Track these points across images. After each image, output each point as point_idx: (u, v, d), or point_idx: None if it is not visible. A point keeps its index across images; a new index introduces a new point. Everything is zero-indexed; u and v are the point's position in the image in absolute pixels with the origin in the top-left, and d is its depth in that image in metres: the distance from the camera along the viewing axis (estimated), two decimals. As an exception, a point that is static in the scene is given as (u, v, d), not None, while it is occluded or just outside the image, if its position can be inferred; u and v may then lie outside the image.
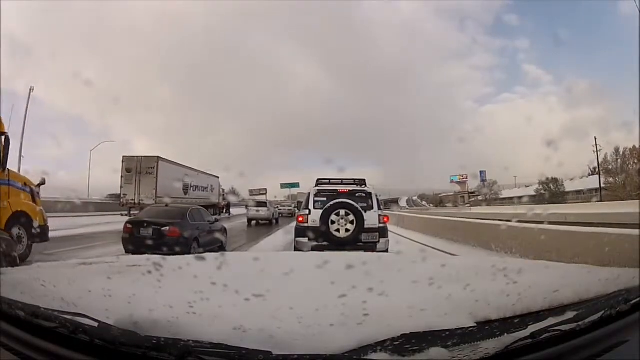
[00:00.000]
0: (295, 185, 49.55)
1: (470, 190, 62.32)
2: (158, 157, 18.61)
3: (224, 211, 26.85)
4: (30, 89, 27.22)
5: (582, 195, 41.22)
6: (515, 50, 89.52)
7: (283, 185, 51.27)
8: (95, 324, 0.79)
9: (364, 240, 5.98)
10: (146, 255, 1.84)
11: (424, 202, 74.03)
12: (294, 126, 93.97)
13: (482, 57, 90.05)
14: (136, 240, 6.96)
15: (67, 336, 0.80)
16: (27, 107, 26.50)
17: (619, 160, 35.28)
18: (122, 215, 16.54)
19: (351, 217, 5.95)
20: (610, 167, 35.65)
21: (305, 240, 6.05)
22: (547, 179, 44.05)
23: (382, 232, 6.31)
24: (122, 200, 18.10)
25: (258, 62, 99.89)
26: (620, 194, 29.90)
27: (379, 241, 6.18)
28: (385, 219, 6.48)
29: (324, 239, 5.83)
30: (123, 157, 18.58)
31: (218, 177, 26.82)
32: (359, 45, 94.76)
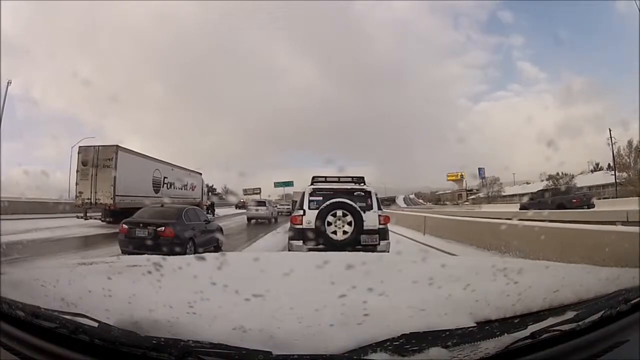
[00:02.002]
0: (289, 183, 49.13)
1: (468, 188, 62.17)
2: (117, 146, 15.43)
3: (208, 212, 24.36)
4: (8, 83, 24.80)
5: (592, 191, 39.74)
6: (510, 47, 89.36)
7: (277, 184, 50.81)
8: (95, 324, 0.79)
9: (363, 242, 5.57)
10: (146, 255, 1.84)
11: (420, 200, 74.08)
12: (288, 125, 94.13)
13: (477, 54, 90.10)
14: (132, 241, 6.99)
15: (67, 336, 0.80)
16: (3, 102, 24.53)
17: (632, 155, 33.64)
18: (77, 217, 14.82)
19: (349, 218, 5.54)
20: (624, 161, 34.06)
21: (300, 243, 5.64)
22: (558, 174, 41.88)
23: (383, 233, 5.88)
24: (77, 199, 15.11)
25: (253, 61, 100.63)
26: (637, 188, 28.21)
27: (379, 243, 5.73)
28: (386, 220, 6.02)
29: (320, 242, 5.37)
30: (79, 147, 15.56)
31: (201, 174, 24.34)
32: (353, 43, 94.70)
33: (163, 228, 6.96)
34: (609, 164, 41.30)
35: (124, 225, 7.35)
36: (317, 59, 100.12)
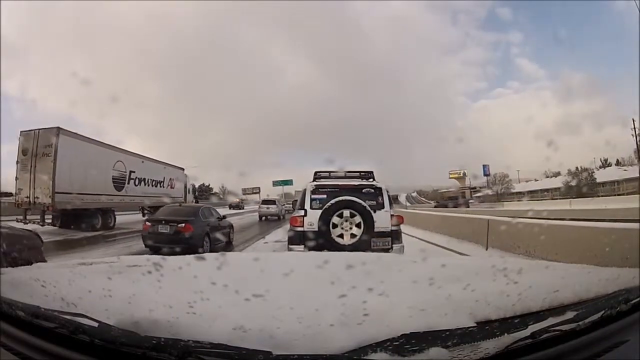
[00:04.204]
0: (288, 182, 47.73)
1: (471, 186, 61.50)
2: (58, 128, 11.80)
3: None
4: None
5: (606, 187, 37.55)
6: (509, 44, 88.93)
7: (275, 183, 49.11)
8: (95, 324, 0.79)
9: (373, 246, 4.81)
10: (146, 255, 1.85)
11: (423, 198, 73.83)
12: (287, 124, 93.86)
13: (476, 51, 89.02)
14: (154, 236, 7.69)
15: (67, 336, 0.80)
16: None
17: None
18: (17, 221, 10.66)
19: (357, 219, 4.80)
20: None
21: (301, 248, 4.86)
22: (577, 168, 40.44)
23: (396, 235, 5.11)
24: (16, 198, 11.86)
25: (250, 60, 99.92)
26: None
27: (391, 247, 4.97)
28: (399, 220, 5.26)
29: (324, 247, 4.59)
30: (20, 132, 12.07)
31: (183, 169, 21.00)
32: (351, 42, 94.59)
33: (183, 224, 7.65)
34: (617, 160, 40.65)
35: (146, 222, 8.26)
36: (315, 57, 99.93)
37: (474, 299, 0.95)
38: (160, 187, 18.32)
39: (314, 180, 5.52)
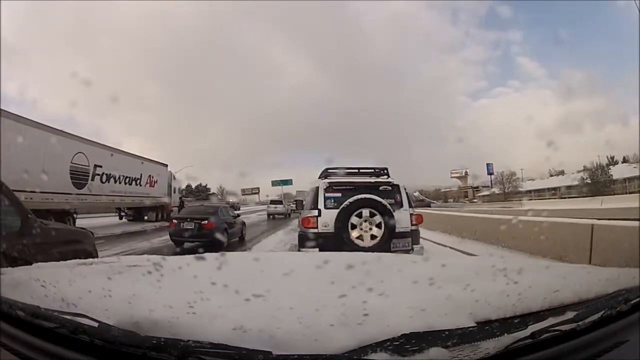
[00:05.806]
0: (287, 182, 46.93)
1: (474, 185, 61.09)
2: None
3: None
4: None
5: (617, 185, 36.55)
6: (509, 42, 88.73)
7: (274, 183, 48.01)
8: (95, 324, 0.79)
9: (393, 248, 4.50)
10: (146, 255, 1.85)
11: (424, 198, 73.61)
12: (286, 124, 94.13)
13: (476, 50, 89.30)
14: (180, 231, 8.90)
15: (67, 336, 0.80)
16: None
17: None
18: None
19: (378, 219, 4.48)
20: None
21: (316, 251, 4.29)
22: (593, 165, 39.26)
23: (415, 236, 4.84)
24: None
25: (250, 60, 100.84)
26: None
27: (412, 249, 4.67)
28: (418, 220, 4.96)
29: (342, 250, 3.78)
30: None
31: (166, 166, 18.54)
32: (351, 41, 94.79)
33: (206, 221, 8.88)
34: (624, 157, 40.07)
35: (173, 220, 9.71)
36: (315, 57, 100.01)
37: (474, 299, 0.95)
38: (137, 185, 15.84)
39: (325, 178, 5.10)
